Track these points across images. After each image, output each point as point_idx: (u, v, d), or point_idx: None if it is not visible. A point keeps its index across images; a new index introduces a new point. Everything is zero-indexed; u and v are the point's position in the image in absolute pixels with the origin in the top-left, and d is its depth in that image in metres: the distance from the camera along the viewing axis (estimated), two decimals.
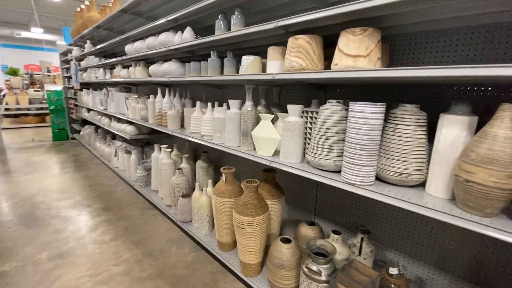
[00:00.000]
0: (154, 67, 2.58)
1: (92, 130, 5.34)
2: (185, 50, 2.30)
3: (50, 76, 10.48)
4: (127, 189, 3.61)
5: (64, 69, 6.73)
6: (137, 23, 3.57)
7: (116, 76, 3.52)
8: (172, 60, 2.38)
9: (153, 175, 3.15)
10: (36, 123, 8.89)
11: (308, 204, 2.03)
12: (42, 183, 3.77)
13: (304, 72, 1.21)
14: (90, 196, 3.38)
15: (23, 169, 4.38)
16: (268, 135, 1.47)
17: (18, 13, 13.49)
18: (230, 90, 2.56)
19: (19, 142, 6.38)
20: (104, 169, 4.43)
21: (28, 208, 3.01)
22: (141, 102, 3.06)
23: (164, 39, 2.27)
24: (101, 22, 3.63)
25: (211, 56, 1.88)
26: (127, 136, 3.33)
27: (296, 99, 1.94)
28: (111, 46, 3.72)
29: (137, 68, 2.99)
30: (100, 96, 4.27)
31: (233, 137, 1.75)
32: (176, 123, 2.46)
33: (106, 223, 2.73)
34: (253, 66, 1.53)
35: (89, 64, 4.48)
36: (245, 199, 1.66)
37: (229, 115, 1.72)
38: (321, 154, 1.23)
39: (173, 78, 2.24)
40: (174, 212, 2.64)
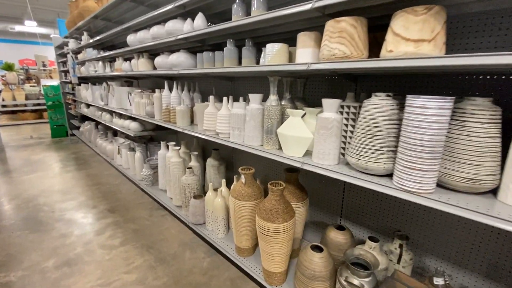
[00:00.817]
0: (160, 58, 2.38)
1: (92, 126, 5.16)
2: (195, 40, 2.11)
3: (46, 70, 10.18)
4: (133, 188, 3.46)
5: (60, 63, 6.48)
6: (138, 12, 3.34)
7: (118, 69, 3.32)
8: (181, 50, 2.19)
9: (160, 174, 2.99)
10: (33, 119, 8.67)
11: (333, 205, 1.89)
12: (44, 183, 3.61)
13: (349, 60, 1.03)
14: (95, 196, 3.23)
15: (23, 168, 4.21)
16: (298, 134, 1.30)
17: (11, 7, 13.05)
18: (243, 82, 2.38)
19: (17, 140, 6.19)
20: (107, 167, 4.27)
21: (30, 210, 2.86)
22: (145, 97, 2.87)
23: (172, 27, 2.07)
24: (99, 12, 3.40)
25: (227, 45, 1.69)
26: (131, 133, 3.16)
27: (320, 92, 1.77)
28: (111, 37, 3.50)
29: (140, 60, 2.79)
30: (100, 91, 4.07)
31: (254, 135, 1.58)
32: (186, 120, 2.29)
33: (113, 225, 2.58)
34: (279, 55, 1.35)
35: (87, 57, 4.25)
36: (270, 203, 1.51)
37: (250, 111, 1.55)
38: (368, 156, 1.07)
39: (182, 70, 2.06)
40: (185, 213, 2.50)
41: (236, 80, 2.43)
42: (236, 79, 2.43)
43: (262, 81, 2.18)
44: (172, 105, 2.35)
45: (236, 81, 2.44)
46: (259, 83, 2.21)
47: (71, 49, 4.72)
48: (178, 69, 2.08)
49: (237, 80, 2.43)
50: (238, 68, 1.55)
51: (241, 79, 2.38)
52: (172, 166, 2.56)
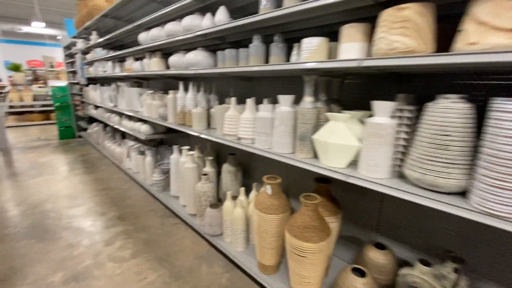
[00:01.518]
0: (175, 57, 2.23)
1: (101, 128, 5.04)
2: (215, 37, 1.95)
3: (53, 71, 10.17)
4: (143, 194, 3.31)
5: (68, 63, 6.40)
6: (149, 10, 3.20)
7: (128, 69, 3.18)
8: (198, 49, 2.03)
9: (173, 180, 2.84)
10: (41, 120, 8.63)
11: (368, 219, 1.70)
12: (51, 187, 3.49)
13: (416, 55, 0.85)
14: (103, 202, 3.09)
15: (30, 171, 4.10)
16: (342, 141, 1.13)
17: (19, 7, 13.13)
18: (263, 83, 2.21)
19: (24, 141, 6.12)
20: (116, 171, 4.14)
21: (37, 217, 2.73)
22: (158, 99, 2.72)
23: (189, 23, 1.91)
24: (109, 10, 3.28)
25: (254, 42, 1.52)
26: (142, 136, 3.01)
27: (356, 93, 1.59)
28: (121, 36, 3.37)
29: (152, 59, 2.65)
30: (109, 92, 3.94)
31: (284, 142, 1.41)
32: (202, 123, 2.13)
33: (123, 235, 2.43)
34: (319, 51, 1.18)
35: (96, 57, 4.14)
36: (303, 219, 1.34)
37: (280, 114, 1.38)
38: (436, 171, 0.89)
39: (200, 70, 1.90)
40: (200, 223, 2.34)
41: (256, 80, 2.27)
42: (256, 79, 2.26)
43: (286, 81, 2.01)
44: (187, 107, 2.20)
45: (256, 81, 2.27)
46: (281, 84, 2.04)
47: (80, 49, 4.61)
48: (196, 69, 1.93)
49: (256, 80, 2.26)
50: (267, 66, 1.38)
51: (261, 79, 2.22)
52: (186, 172, 2.41)
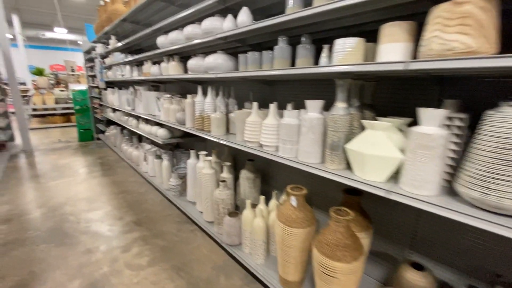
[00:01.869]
0: (194, 61, 2.18)
1: (118, 131, 5.10)
2: (235, 39, 1.88)
3: (74, 75, 10.51)
4: (159, 198, 3.29)
5: (88, 67, 6.56)
6: (167, 14, 3.19)
7: (146, 73, 3.17)
8: (218, 52, 1.97)
9: (189, 185, 2.78)
10: (62, 122, 8.92)
11: (401, 234, 1.57)
12: (70, 190, 3.53)
13: (481, 57, 0.73)
14: (120, 206, 3.09)
15: (50, 173, 4.19)
16: (382, 153, 1.01)
17: (43, 14, 13.73)
18: (284, 87, 2.12)
19: (46, 143, 6.31)
20: (132, 174, 4.15)
21: (56, 220, 2.75)
22: (175, 103, 2.68)
23: (209, 26, 1.85)
24: (128, 14, 3.29)
25: (279, 44, 1.43)
26: (159, 140, 2.98)
27: (391, 98, 1.46)
28: (139, 40, 3.38)
29: (171, 63, 2.61)
30: (127, 96, 3.97)
31: (312, 151, 1.31)
32: (221, 128, 2.06)
33: (140, 241, 2.40)
34: (355, 52, 1.08)
35: (114, 62, 4.18)
36: (334, 236, 1.23)
37: (308, 121, 1.28)
38: (501, 191, 0.76)
39: (221, 74, 1.83)
40: (217, 231, 2.26)
41: (277, 84, 2.18)
42: (277, 83, 2.17)
43: (309, 85, 1.90)
44: (206, 112, 2.13)
45: (277, 85, 2.18)
46: (303, 88, 1.94)
47: (99, 53, 4.69)
48: (216, 73, 1.86)
49: (278, 84, 2.17)
50: (296, 70, 1.28)
51: (282, 83, 2.13)
52: (204, 178, 2.34)
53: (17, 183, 3.76)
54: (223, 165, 2.45)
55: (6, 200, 3.23)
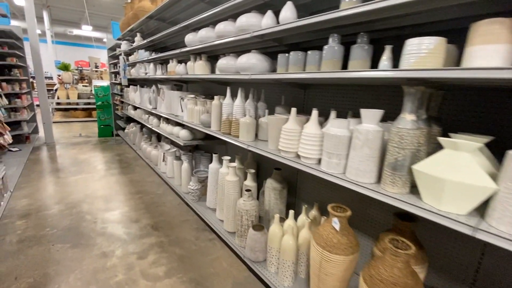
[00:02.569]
0: (224, 61, 2.04)
1: (138, 129, 5.08)
2: (273, 38, 1.72)
3: (97, 71, 10.75)
4: (177, 201, 3.18)
5: (111, 64, 6.64)
6: (195, 11, 3.09)
7: (171, 72, 3.08)
8: (252, 51, 1.82)
9: (210, 191, 2.64)
10: (83, 117, 9.10)
11: (461, 269, 1.34)
12: (88, 186, 3.49)
13: None
14: (137, 207, 2.99)
15: (70, 168, 4.20)
16: (468, 180, 0.82)
17: (71, 12, 14.23)
18: (320, 92, 1.94)
19: (67, 137, 6.41)
20: (150, 173, 4.08)
21: (73, 219, 2.68)
22: (200, 104, 2.56)
23: (245, 23, 1.71)
24: (155, 11, 3.22)
25: (330, 43, 1.26)
26: (181, 141, 2.87)
27: (458, 110, 1.25)
28: (165, 37, 3.30)
29: (198, 63, 2.49)
30: (149, 94, 3.91)
31: (366, 168, 1.12)
32: (251, 134, 1.90)
33: (157, 247, 2.28)
34: (434, 55, 0.89)
35: (138, 59, 4.14)
36: (390, 272, 1.03)
37: (364, 133, 1.09)
38: None
39: (255, 75, 1.67)
40: (239, 243, 2.10)
41: (312, 88, 2.00)
42: (312, 87, 1.99)
43: (352, 91, 1.71)
44: (235, 116, 1.98)
45: (311, 89, 2.00)
46: (344, 93, 1.75)
47: (123, 50, 4.68)
48: (249, 74, 1.71)
49: (312, 88, 1.99)
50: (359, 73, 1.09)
51: (318, 87, 1.95)
52: (227, 185, 2.19)
53: (37, 177, 3.76)
54: (247, 172, 2.29)
55: (25, 193, 3.22)
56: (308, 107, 2.07)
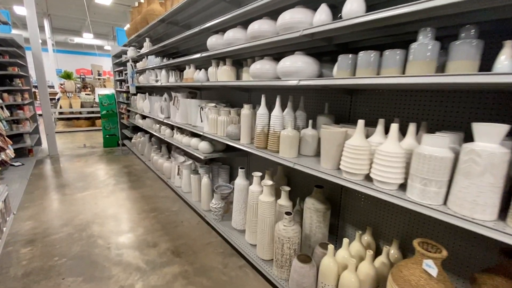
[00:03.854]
0: (258, 65, 1.78)
1: (146, 139, 4.82)
2: (323, 37, 1.46)
3: (100, 79, 10.54)
4: (195, 219, 2.89)
5: (116, 72, 6.40)
6: (211, 13, 2.85)
7: (188, 79, 2.82)
8: (296, 53, 1.56)
9: (236, 210, 2.37)
10: (86, 126, 8.85)
11: None
12: (97, 204, 3.21)
13: None
14: (153, 228, 2.71)
15: (76, 183, 3.92)
16: None
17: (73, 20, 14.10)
18: (369, 97, 1.67)
19: (71, 148, 6.15)
20: (162, 187, 3.81)
21: (84, 244, 2.40)
22: (224, 114, 2.29)
23: (289, 20, 1.45)
24: (168, 13, 2.98)
25: (420, 39, 0.99)
26: (201, 155, 2.60)
27: None
28: (179, 42, 3.05)
29: (222, 68, 2.24)
30: (161, 103, 3.65)
31: (488, 201, 0.85)
32: (294, 149, 1.64)
33: (182, 278, 1.99)
34: None
35: (147, 66, 3.90)
36: None
37: (486, 156, 0.83)
38: None
39: (307, 81, 1.41)
40: (279, 276, 1.82)
41: (361, 93, 1.74)
42: (362, 92, 1.73)
43: (413, 97, 1.45)
44: (273, 128, 1.72)
45: (361, 95, 1.74)
46: (404, 99, 1.48)
47: (131, 56, 4.45)
48: (297, 79, 1.44)
49: (362, 93, 1.73)
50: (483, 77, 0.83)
51: (372, 92, 1.68)
52: (262, 206, 1.92)
53: (42, 194, 3.49)
54: (282, 190, 2.02)
55: (30, 214, 2.94)
56: (354, 116, 1.80)
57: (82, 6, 10.39)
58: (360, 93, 1.74)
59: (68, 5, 11.61)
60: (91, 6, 11.54)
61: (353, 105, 1.81)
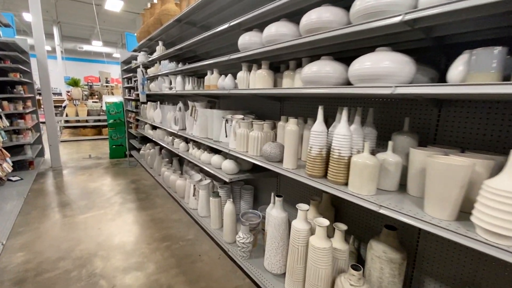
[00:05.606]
0: (315, 67, 1.34)
1: (156, 151, 4.41)
2: (423, 27, 1.02)
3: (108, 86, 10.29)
4: (216, 252, 2.43)
5: (125, 79, 6.07)
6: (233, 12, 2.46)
7: (210, 86, 2.41)
8: (379, 49, 1.11)
9: (271, 248, 1.89)
10: (93, 135, 8.53)
11: None
12: (101, 230, 2.78)
13: None
14: (166, 263, 2.25)
15: (79, 201, 3.50)
16: None
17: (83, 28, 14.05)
18: (464, 110, 1.22)
19: (76, 159, 5.78)
20: (174, 207, 3.36)
21: (83, 287, 1.95)
22: (257, 128, 1.85)
23: (375, 2, 1.02)
24: (186, 12, 2.59)
25: None
26: (225, 177, 2.16)
27: None
28: (199, 43, 2.65)
29: (257, 73, 1.81)
30: (175, 112, 3.24)
31: None
32: (374, 182, 1.17)
33: None
34: None
35: (161, 71, 3.51)
36: None
37: None
38: None
39: (404, 88, 0.96)
40: None
41: (452, 106, 1.28)
42: (452, 104, 1.27)
43: None
44: (338, 151, 1.26)
45: (454, 106, 1.28)
46: None
47: (142, 61, 4.08)
48: (392, 85, 1.00)
49: (453, 106, 1.27)
50: None
51: (463, 104, 1.22)
52: (315, 254, 1.45)
53: (39, 216, 3.07)
54: (336, 229, 1.55)
55: (23, 243, 2.51)
56: (443, 135, 1.34)
57: (91, 13, 10.23)
58: (453, 104, 1.29)
59: (78, 12, 11.52)
60: (100, 13, 11.44)
61: (442, 120, 1.35)
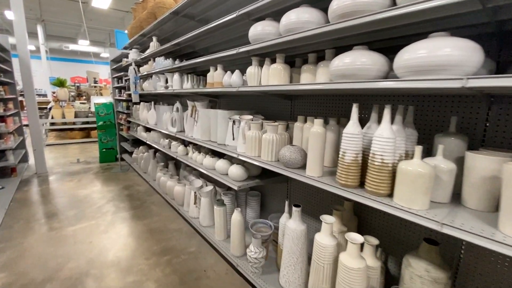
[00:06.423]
0: (348, 59, 1.14)
1: (150, 154, 4.13)
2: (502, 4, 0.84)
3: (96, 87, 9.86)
4: (222, 266, 2.21)
5: (114, 78, 5.75)
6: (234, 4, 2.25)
7: (214, 83, 2.18)
8: (431, 36, 0.93)
9: (289, 264, 1.69)
10: (81, 138, 8.12)
11: None
12: (93, 243, 2.51)
13: None
14: (168, 281, 2.02)
15: (67, 211, 3.21)
16: None
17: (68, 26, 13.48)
18: None
19: (63, 164, 5.43)
20: (173, 215, 3.11)
21: None
22: (271, 130, 1.65)
23: None
24: (183, 4, 2.36)
25: None
26: (234, 184, 1.94)
27: None
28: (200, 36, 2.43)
29: (272, 67, 1.60)
30: (172, 113, 3.00)
31: None
32: (426, 195, 0.99)
33: None
34: None
35: (154, 69, 3.26)
36: None
37: None
38: None
39: (478, 81, 0.77)
40: None
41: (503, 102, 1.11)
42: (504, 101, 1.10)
43: None
44: (380, 156, 1.07)
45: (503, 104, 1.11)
46: None
47: (134, 59, 3.80)
48: (463, 77, 0.81)
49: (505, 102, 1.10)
50: None
51: None
52: (347, 275, 1.26)
53: (22, 229, 2.77)
54: (367, 244, 1.36)
55: (4, 262, 2.23)
56: (494, 137, 1.17)
57: (78, 11, 9.78)
58: (505, 101, 1.11)
59: (63, 10, 11.01)
60: (87, 11, 10.97)
61: (491, 120, 1.17)
